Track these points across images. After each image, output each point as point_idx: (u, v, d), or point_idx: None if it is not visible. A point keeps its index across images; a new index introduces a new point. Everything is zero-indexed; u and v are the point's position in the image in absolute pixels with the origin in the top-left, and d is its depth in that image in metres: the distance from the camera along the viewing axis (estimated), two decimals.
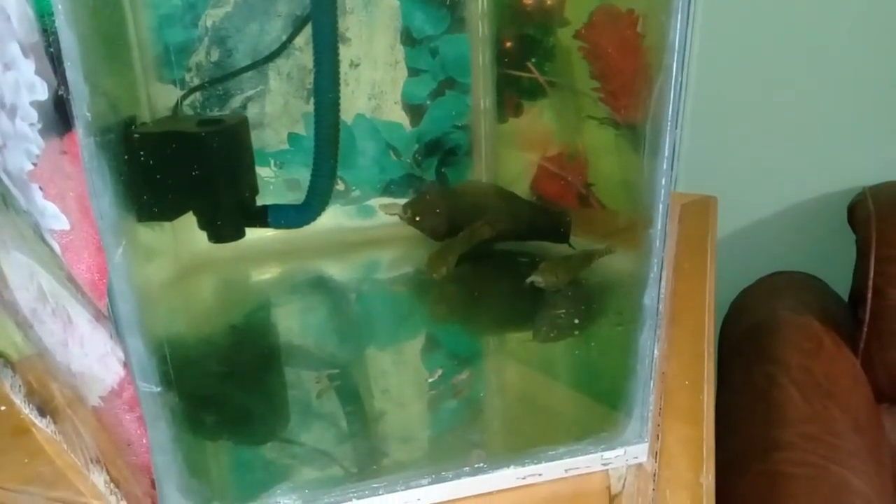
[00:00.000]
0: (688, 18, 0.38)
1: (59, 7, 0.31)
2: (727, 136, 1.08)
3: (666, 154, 0.41)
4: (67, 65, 0.33)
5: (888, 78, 0.99)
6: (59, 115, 0.35)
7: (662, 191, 0.41)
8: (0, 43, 0.36)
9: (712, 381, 0.56)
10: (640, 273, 0.44)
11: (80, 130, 0.33)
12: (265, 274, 0.66)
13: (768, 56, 1.02)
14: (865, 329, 0.93)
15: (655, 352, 0.46)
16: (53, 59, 0.33)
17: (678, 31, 0.38)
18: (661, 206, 0.41)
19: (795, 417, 0.80)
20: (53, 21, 0.32)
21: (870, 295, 0.93)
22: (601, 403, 0.51)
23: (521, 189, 0.69)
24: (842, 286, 1.02)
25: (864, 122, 1.03)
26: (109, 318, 0.35)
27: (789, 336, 0.91)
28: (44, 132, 0.36)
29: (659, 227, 0.42)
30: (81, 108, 0.33)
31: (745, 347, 0.95)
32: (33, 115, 0.35)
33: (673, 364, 0.58)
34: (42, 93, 0.35)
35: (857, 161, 1.05)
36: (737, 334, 0.99)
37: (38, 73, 0.35)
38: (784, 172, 1.09)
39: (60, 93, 0.33)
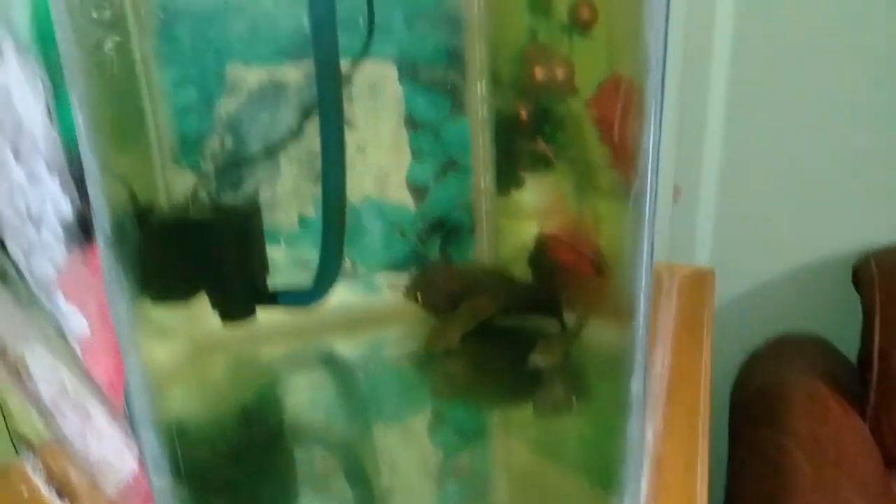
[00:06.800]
0: (660, 122, 0.41)
1: (83, 136, 0.35)
2: (732, 200, 1.10)
3: (646, 247, 0.43)
4: (90, 182, 0.36)
5: (891, 140, 1.01)
6: (80, 228, 0.38)
7: (643, 279, 0.44)
8: (27, 160, 0.39)
9: (706, 459, 0.57)
10: (625, 357, 0.46)
11: (100, 243, 0.36)
12: (276, 352, 0.68)
13: (769, 119, 1.04)
14: (873, 392, 0.94)
15: (649, 435, 0.47)
16: (77, 180, 0.36)
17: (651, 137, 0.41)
18: (642, 296, 0.43)
19: (803, 485, 0.80)
20: (77, 147, 0.35)
21: (876, 358, 0.93)
22: (592, 485, 0.53)
23: (522, 261, 0.71)
24: (852, 347, 1.03)
25: (868, 185, 1.05)
26: (126, 417, 0.38)
27: (797, 401, 0.92)
28: (67, 243, 0.39)
29: (641, 313, 0.44)
30: (102, 223, 0.36)
31: (754, 412, 0.95)
32: (57, 227, 0.39)
33: (668, 442, 0.59)
34: (66, 208, 0.38)
35: (863, 222, 1.06)
36: (745, 398, 0.99)
37: (62, 188, 0.38)
38: (790, 234, 1.10)
39: (82, 211, 0.36)
